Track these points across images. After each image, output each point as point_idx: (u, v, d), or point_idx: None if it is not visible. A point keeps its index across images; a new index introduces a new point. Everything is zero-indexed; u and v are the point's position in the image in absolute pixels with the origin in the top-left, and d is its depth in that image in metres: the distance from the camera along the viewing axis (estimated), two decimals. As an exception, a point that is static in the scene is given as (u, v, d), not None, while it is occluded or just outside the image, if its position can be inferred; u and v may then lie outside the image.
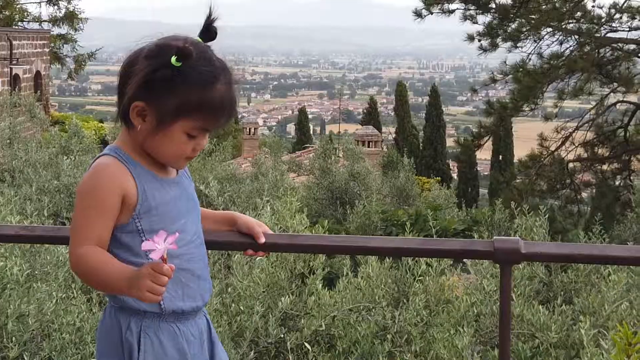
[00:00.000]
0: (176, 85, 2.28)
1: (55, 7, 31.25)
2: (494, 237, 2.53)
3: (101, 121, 30.99)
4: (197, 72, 2.29)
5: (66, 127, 15.63)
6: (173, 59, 2.26)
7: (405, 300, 5.66)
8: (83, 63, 32.89)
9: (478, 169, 46.58)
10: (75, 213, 2.35)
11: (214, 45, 2.41)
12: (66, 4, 31.35)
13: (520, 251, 2.50)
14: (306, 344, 5.21)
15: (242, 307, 5.16)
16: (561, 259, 3.15)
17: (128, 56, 2.38)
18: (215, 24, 2.38)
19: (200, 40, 2.37)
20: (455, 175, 45.42)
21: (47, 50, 27.63)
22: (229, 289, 5.23)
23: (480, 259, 5.03)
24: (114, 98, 2.39)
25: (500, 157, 43.88)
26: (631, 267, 5.71)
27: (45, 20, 31.19)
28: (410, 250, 2.59)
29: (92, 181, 2.33)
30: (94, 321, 4.94)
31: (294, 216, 6.03)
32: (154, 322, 2.36)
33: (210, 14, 2.36)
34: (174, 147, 2.34)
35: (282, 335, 5.28)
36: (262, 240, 2.62)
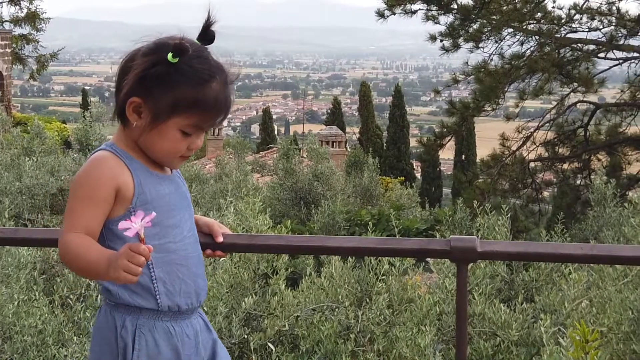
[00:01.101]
0: (172, 81, 2.31)
1: (17, 7, 30.88)
2: (451, 236, 2.56)
3: (64, 122, 30.67)
4: (193, 70, 2.32)
5: (28, 128, 15.49)
6: (169, 55, 2.29)
7: (368, 300, 5.68)
8: (45, 63, 32.55)
9: (441, 168, 46.78)
10: (68, 202, 2.37)
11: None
12: (28, 4, 30.98)
13: (476, 250, 2.53)
14: (270, 344, 5.22)
15: (205, 308, 5.16)
16: (516, 257, 3.20)
17: (127, 55, 2.41)
18: (213, 27, 2.40)
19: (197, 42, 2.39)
20: (418, 175, 45.59)
21: (8, 50, 27.30)
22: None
23: (437, 257, 5.07)
24: (77, 99, 2.40)
25: (463, 156, 44.12)
26: (592, 265, 5.77)
27: (6, 21, 30.79)
28: (368, 250, 2.61)
29: (86, 173, 2.35)
30: (56, 323, 4.91)
31: (257, 216, 6.04)
32: (150, 320, 2.36)
33: (208, 17, 2.38)
34: (168, 144, 2.36)
35: (245, 336, 5.29)
36: (220, 239, 2.64)
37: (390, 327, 5.43)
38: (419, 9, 16.53)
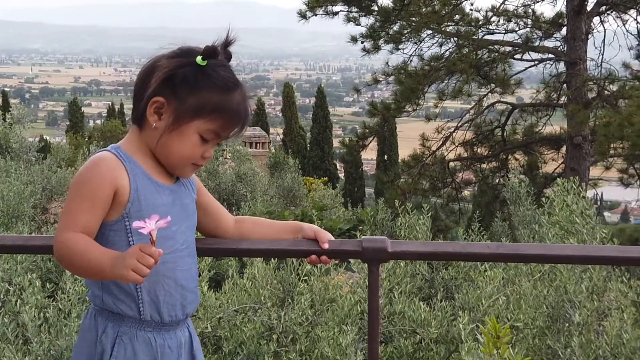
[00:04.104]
0: (199, 83, 2.32)
1: None
2: (362, 237, 2.61)
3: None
4: (219, 75, 2.34)
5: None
6: (199, 58, 2.31)
7: (290, 300, 5.70)
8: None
9: (364, 168, 47.17)
10: (66, 201, 2.34)
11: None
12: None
13: (387, 250, 2.58)
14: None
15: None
16: (426, 256, 3.27)
17: (149, 60, 2.40)
18: (231, 47, 2.42)
19: None
20: (342, 176, 45.85)
21: None
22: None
23: (349, 258, 5.12)
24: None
25: (386, 157, 44.55)
26: (509, 263, 5.89)
27: None
28: (281, 252, 2.63)
29: (86, 172, 2.33)
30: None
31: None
32: (132, 329, 2.35)
33: (227, 37, 2.39)
34: (186, 148, 2.35)
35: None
36: (326, 245, 2.58)
37: (313, 327, 5.46)
38: (340, 11, 16.64)
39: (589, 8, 15.87)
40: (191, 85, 2.31)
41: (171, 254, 2.37)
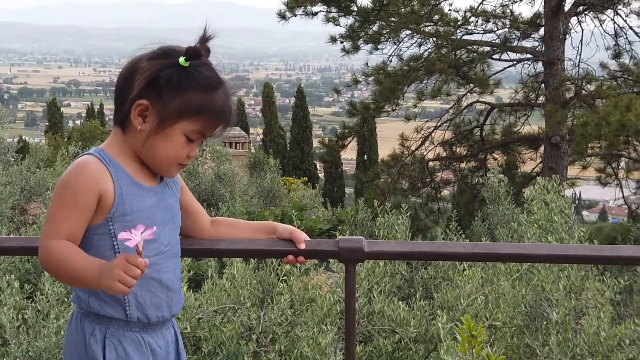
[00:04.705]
0: (182, 85, 2.31)
1: None
2: (339, 237, 2.63)
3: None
4: (202, 75, 2.34)
5: None
6: (181, 59, 2.30)
7: (270, 300, 5.70)
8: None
9: (344, 168, 47.21)
10: (49, 207, 2.33)
11: None
12: None
13: (363, 250, 2.59)
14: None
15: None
16: (402, 256, 3.29)
17: (128, 62, 2.38)
18: (210, 43, 2.40)
19: None
20: (322, 176, 45.86)
21: None
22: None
23: (326, 258, 5.13)
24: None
25: (366, 156, 44.59)
26: (487, 263, 5.92)
27: None
28: (258, 252, 2.64)
29: (70, 177, 2.31)
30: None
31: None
32: (119, 330, 2.35)
33: (205, 32, 2.37)
34: (172, 149, 2.34)
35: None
36: (303, 246, 2.58)
37: (292, 327, 5.46)
38: (320, 11, 16.64)
39: (566, 8, 15.96)
40: (175, 87, 2.30)
41: (156, 255, 2.37)
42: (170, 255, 2.44)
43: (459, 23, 16.62)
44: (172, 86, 2.30)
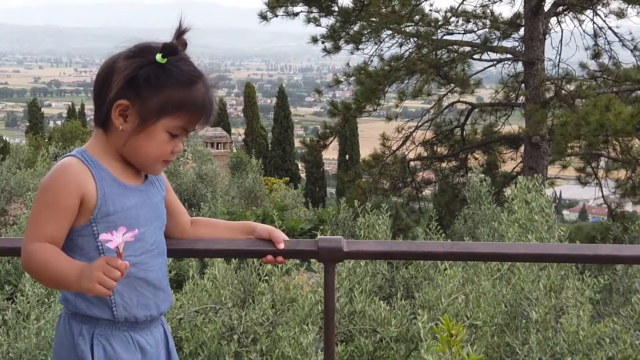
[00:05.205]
0: (161, 82, 2.29)
1: None
2: (318, 237, 2.63)
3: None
4: (180, 70, 2.32)
5: None
6: (158, 55, 2.28)
7: (251, 301, 5.71)
8: None
9: (326, 168, 47.21)
10: (31, 210, 2.32)
11: None
12: None
13: (342, 250, 2.60)
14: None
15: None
16: (381, 255, 3.31)
17: (105, 62, 2.37)
18: (185, 35, 2.37)
19: None
20: (303, 176, 45.86)
21: None
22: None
23: (305, 258, 5.14)
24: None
25: (347, 156, 44.63)
26: (468, 262, 5.95)
27: None
28: (238, 252, 2.65)
29: (51, 180, 2.30)
30: None
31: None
32: (107, 330, 2.35)
33: (180, 24, 2.36)
34: (155, 146, 2.33)
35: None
36: (282, 245, 2.58)
37: (274, 327, 5.47)
38: (301, 11, 16.64)
39: (546, 9, 16.03)
40: (154, 85, 2.29)
41: (142, 255, 2.37)
42: (156, 254, 2.44)
43: (439, 23, 16.65)
44: (150, 84, 2.29)
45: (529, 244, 4.12)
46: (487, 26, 16.90)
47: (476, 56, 16.61)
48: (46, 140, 34.48)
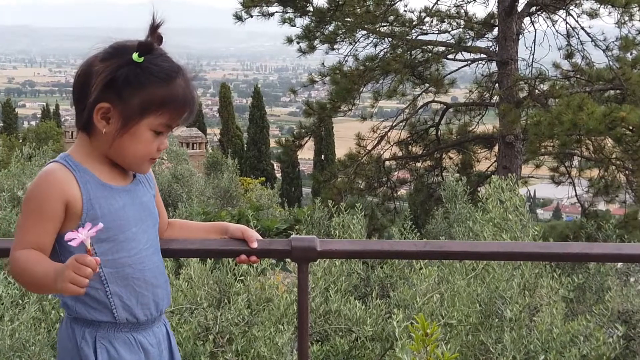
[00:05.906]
0: (140, 81, 2.27)
1: None
2: (292, 237, 2.65)
3: None
4: (158, 67, 2.30)
5: None
6: (135, 55, 2.26)
7: (227, 301, 5.71)
8: None
9: (302, 168, 47.23)
10: (18, 219, 2.33)
11: None
12: None
13: (316, 249, 2.62)
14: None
15: (61, 314, 5.08)
16: (354, 255, 3.33)
17: (81, 65, 2.35)
18: (160, 30, 2.36)
19: None
20: (279, 176, 45.84)
21: None
22: (49, 296, 5.13)
23: (278, 257, 5.15)
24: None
25: (323, 156, 44.69)
26: (443, 261, 5.98)
27: None
28: (211, 252, 2.66)
29: (35, 187, 2.30)
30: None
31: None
32: (109, 332, 2.35)
33: (154, 19, 2.34)
34: (141, 146, 2.32)
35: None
36: (255, 245, 2.59)
37: (249, 326, 5.48)
38: (276, 12, 16.62)
39: (519, 9, 16.11)
40: (134, 85, 2.27)
41: (136, 255, 2.37)
42: (151, 253, 2.44)
43: (414, 23, 16.69)
44: (130, 85, 2.27)
45: (502, 243, 4.16)
46: (461, 26, 16.96)
47: (450, 56, 16.66)
48: (20, 140, 34.27)
